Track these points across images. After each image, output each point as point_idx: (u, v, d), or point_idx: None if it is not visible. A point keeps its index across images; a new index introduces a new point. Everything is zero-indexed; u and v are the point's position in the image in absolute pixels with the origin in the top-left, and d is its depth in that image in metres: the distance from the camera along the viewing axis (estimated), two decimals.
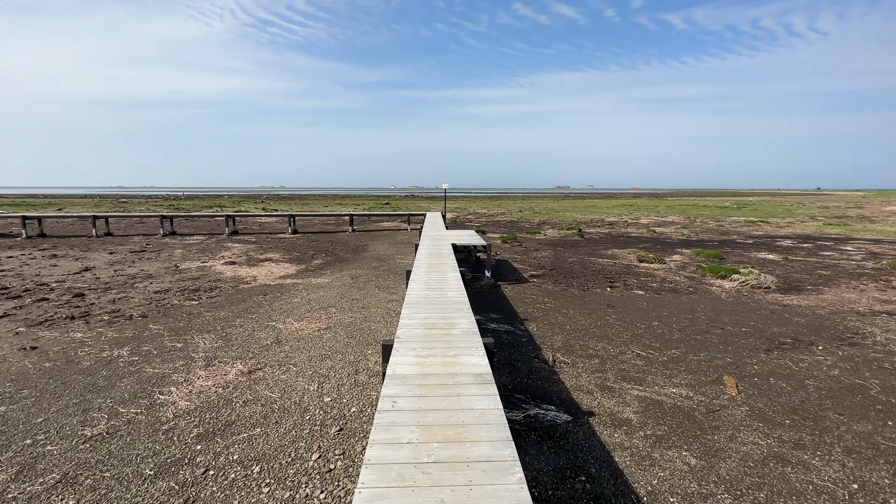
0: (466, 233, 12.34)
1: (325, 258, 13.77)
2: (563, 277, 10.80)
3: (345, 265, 12.50)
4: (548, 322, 7.24)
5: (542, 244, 16.84)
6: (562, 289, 9.64)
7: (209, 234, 20.20)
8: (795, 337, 6.59)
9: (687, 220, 28.58)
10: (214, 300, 8.75)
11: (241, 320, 7.33)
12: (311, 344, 6.14)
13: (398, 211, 35.27)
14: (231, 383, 4.93)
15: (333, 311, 7.76)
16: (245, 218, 25.83)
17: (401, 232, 21.25)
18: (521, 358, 5.61)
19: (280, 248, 15.73)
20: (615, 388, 4.82)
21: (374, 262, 12.84)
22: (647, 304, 8.44)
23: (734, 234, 20.73)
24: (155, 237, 18.97)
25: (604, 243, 17.14)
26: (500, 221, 27.23)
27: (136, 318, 7.60)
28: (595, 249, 15.50)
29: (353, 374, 5.09)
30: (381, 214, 23.03)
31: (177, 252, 14.92)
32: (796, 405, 4.52)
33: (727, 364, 5.57)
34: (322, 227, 23.05)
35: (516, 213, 34.33)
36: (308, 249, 15.59)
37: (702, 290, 9.61)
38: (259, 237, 19.11)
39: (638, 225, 24.68)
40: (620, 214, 33.03)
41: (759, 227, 23.43)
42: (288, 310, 7.89)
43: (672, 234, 20.12)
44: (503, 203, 53.84)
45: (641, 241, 17.91)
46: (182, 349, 6.06)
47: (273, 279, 10.69)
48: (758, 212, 36.27)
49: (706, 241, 17.72)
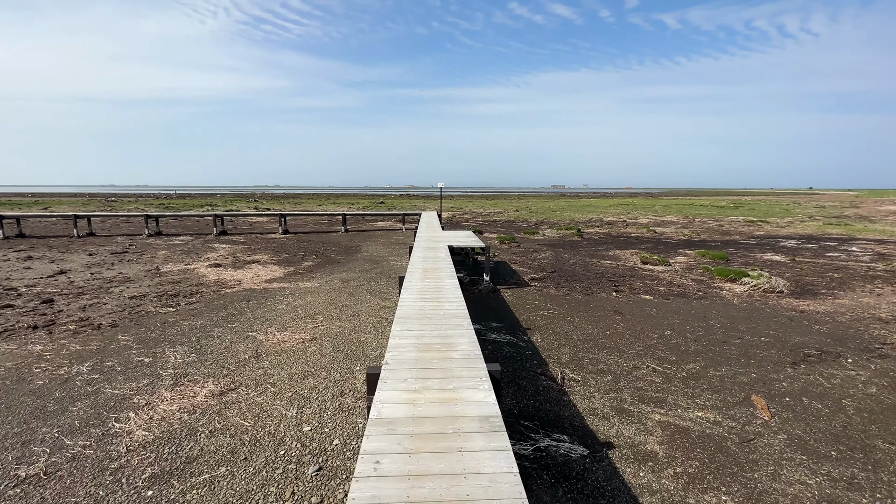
0: (463, 234, 11.78)
1: (315, 260, 13.16)
2: (566, 281, 10.26)
3: (336, 268, 11.90)
4: (553, 331, 6.69)
5: (541, 245, 16.32)
6: (565, 293, 9.10)
7: (197, 234, 19.49)
8: (821, 348, 6.09)
9: (686, 219, 28.19)
10: (193, 307, 8.13)
11: (220, 330, 6.72)
12: (294, 359, 5.55)
13: (393, 210, 34.66)
14: (198, 407, 4.34)
15: (320, 319, 7.16)
16: (235, 218, 25.12)
17: (395, 232, 20.66)
18: (526, 375, 5.06)
19: (269, 250, 15.08)
20: (634, 412, 4.28)
21: (367, 265, 12.24)
22: (657, 310, 7.92)
23: (735, 234, 20.32)
24: (139, 238, 18.24)
25: (604, 244, 16.64)
26: (496, 221, 26.70)
27: (104, 328, 6.97)
28: (596, 250, 14.99)
29: (338, 396, 4.51)
30: (375, 214, 22.43)
31: (160, 253, 14.24)
32: (839, 431, 4.01)
33: (753, 381, 5.05)
34: (314, 227, 22.40)
35: (513, 213, 33.81)
36: (298, 251, 14.96)
37: (712, 294, 9.11)
38: (248, 237, 18.44)
39: (637, 225, 24.23)
40: (618, 214, 32.61)
41: (759, 227, 23.06)
42: (271, 318, 7.29)
43: (673, 235, 19.67)
44: (499, 202, 53.33)
45: (642, 241, 17.43)
46: (149, 365, 5.45)
47: (259, 283, 10.08)
48: (755, 211, 35.99)
49: (709, 242, 17.27)
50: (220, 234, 19.06)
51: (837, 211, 36.37)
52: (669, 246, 16.06)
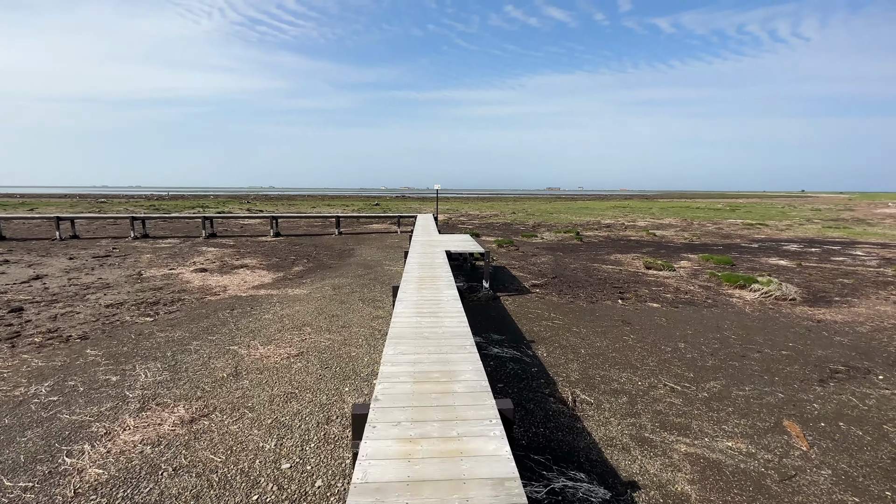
0: (461, 238, 11.30)
1: (306, 264, 12.62)
2: (568, 287, 9.81)
3: (327, 273, 11.38)
4: (559, 344, 6.22)
5: (540, 248, 15.88)
6: (568, 301, 8.65)
7: (185, 236, 18.88)
8: (847, 363, 5.67)
9: (684, 222, 27.91)
10: (173, 316, 7.59)
11: (199, 343, 6.19)
12: (277, 377, 5.04)
13: (388, 213, 34.11)
14: (165, 438, 3.82)
15: (308, 331, 6.65)
16: (226, 220, 24.47)
17: (390, 235, 20.15)
18: (533, 397, 4.58)
19: (259, 253, 14.52)
20: (656, 442, 3.81)
21: (360, 270, 11.72)
22: (667, 319, 7.48)
23: (736, 237, 20.01)
24: (125, 241, 17.60)
25: (604, 248, 16.24)
26: (493, 224, 26.26)
27: (73, 341, 6.42)
28: (596, 254, 14.57)
29: (324, 424, 4.01)
30: (369, 216, 21.91)
31: (144, 257, 13.65)
32: (887, 465, 3.57)
33: (781, 402, 4.61)
34: (307, 230, 21.84)
35: (510, 215, 33.40)
36: (289, 254, 14.41)
37: (722, 301, 8.70)
38: (238, 240, 17.85)
39: (636, 227, 23.89)
40: (616, 216, 32.29)
41: (759, 231, 22.78)
42: (256, 329, 6.77)
43: (673, 238, 19.32)
44: (495, 204, 52.95)
45: (643, 245, 17.05)
46: (116, 384, 4.92)
47: (245, 290, 9.54)
48: (752, 214, 35.83)
49: (710, 246, 16.91)
50: (209, 237, 18.46)
51: (833, 214, 36.31)
52: (671, 250, 15.68)
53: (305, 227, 23.36)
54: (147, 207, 39.53)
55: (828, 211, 40.55)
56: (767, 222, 27.41)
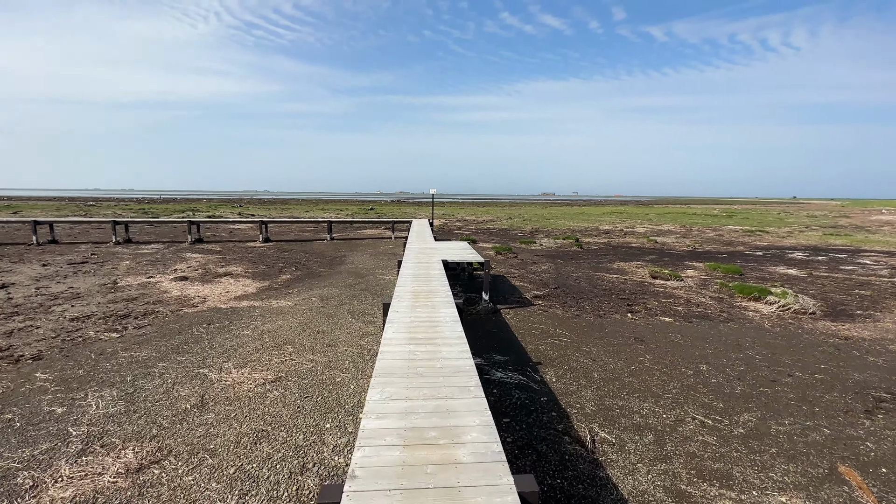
0: (458, 245, 10.68)
1: (294, 273, 11.94)
2: (572, 298, 9.21)
3: (316, 282, 10.70)
4: (569, 366, 5.60)
5: (540, 256, 15.29)
6: (574, 314, 8.04)
7: (170, 242, 18.12)
8: (889, 389, 5.09)
9: (683, 228, 27.51)
10: (143, 332, 6.90)
11: (165, 365, 5.51)
12: (248, 410, 4.37)
13: (382, 218, 33.48)
14: (102, 494, 3.15)
15: (290, 350, 5.98)
16: (215, 224, 23.68)
17: (384, 241, 19.49)
18: (545, 436, 3.95)
19: (245, 260, 13.81)
20: (696, 497, 3.19)
21: (351, 279, 11.06)
22: (682, 336, 6.89)
23: (738, 244, 19.56)
24: (106, 246, 16.82)
25: (606, 255, 15.68)
26: (490, 229, 25.69)
27: (24, 361, 5.71)
28: (598, 262, 14.01)
29: (297, 475, 3.34)
30: (363, 221, 21.22)
31: (123, 264, 12.90)
32: None
33: (829, 440, 4.01)
34: (298, 235, 21.13)
35: (506, 221, 32.87)
36: (277, 261, 13.71)
37: (737, 315, 8.13)
38: (225, 246, 17.12)
39: (635, 234, 23.41)
40: (613, 222, 31.86)
41: (760, 238, 22.38)
42: (231, 348, 6.09)
43: (675, 245, 18.83)
44: (491, 209, 52.50)
45: (645, 252, 16.52)
46: (60, 418, 4.23)
47: (226, 300, 8.85)
48: (750, 221, 35.55)
49: (714, 253, 16.43)
50: (195, 243, 17.70)
51: (830, 220, 36.11)
52: (675, 258, 15.15)
53: (297, 232, 22.66)
54: (136, 211, 38.61)
55: (824, 218, 40.39)
56: (767, 229, 27.07)
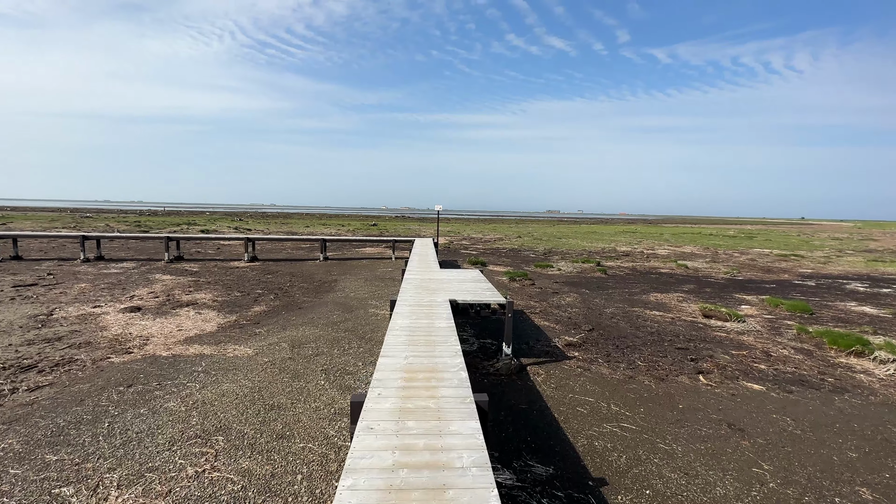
0: (469, 276, 8.71)
1: (271, 302, 10.00)
2: (615, 347, 7.20)
3: (294, 316, 8.75)
4: (652, 490, 3.56)
5: (561, 283, 13.29)
6: (625, 375, 6.02)
7: (147, 259, 16.32)
8: None
9: (707, 251, 25.41)
10: (32, 397, 4.96)
11: (16, 473, 3.54)
12: None
13: (383, 235, 31.68)
14: None
15: (218, 447, 3.99)
16: (200, 241, 21.89)
17: (383, 261, 17.58)
18: None
19: (219, 285, 11.91)
20: None
21: (337, 313, 9.08)
22: (793, 420, 4.84)
23: (779, 271, 17.46)
24: (73, 263, 15.04)
25: (636, 283, 13.65)
26: (499, 249, 23.74)
27: None
28: (630, 293, 11.98)
29: None
30: (360, 240, 19.31)
31: (77, 288, 11.04)
32: None
33: None
34: (290, 254, 19.29)
35: (515, 240, 30.95)
36: (256, 286, 11.79)
37: (846, 380, 6.07)
38: (205, 266, 15.27)
39: (658, 257, 21.36)
40: (630, 243, 29.84)
41: (798, 263, 20.24)
42: (134, 439, 4.11)
43: (709, 271, 16.76)
44: (498, 227, 50.67)
45: (680, 280, 14.47)
46: None
47: (172, 343, 6.93)
48: (774, 243, 33.38)
49: (758, 283, 14.34)
50: (172, 261, 15.88)
51: (858, 244, 33.82)
52: (717, 288, 13.09)
53: (290, 250, 20.84)
54: (130, 224, 37.13)
55: (849, 241, 38.11)
56: (798, 252, 24.90)
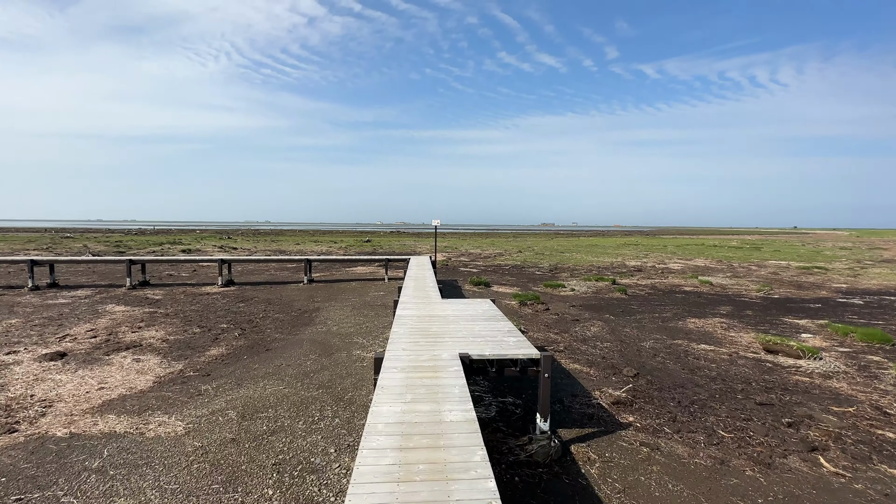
0: (481, 309, 6.90)
1: (234, 342, 8.15)
2: (678, 405, 5.42)
3: (256, 364, 6.90)
4: None
5: (579, 307, 11.53)
6: (713, 459, 4.24)
7: (107, 286, 14.43)
8: None
9: (720, 263, 23.82)
10: None
11: None
12: None
13: (376, 252, 29.90)
14: None
15: None
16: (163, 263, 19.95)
17: (375, 283, 15.76)
18: None
19: (179, 317, 10.04)
20: None
21: (312, 358, 7.24)
22: None
23: (809, 286, 15.82)
24: (22, 290, 13.12)
25: (662, 304, 11.92)
26: (501, 266, 21.99)
27: None
28: (662, 318, 10.25)
29: None
30: (350, 259, 17.41)
31: (3, 325, 9.15)
32: None
33: None
34: (273, 276, 17.43)
35: (516, 255, 29.26)
36: (222, 318, 9.93)
37: None
38: (172, 292, 13.40)
39: (674, 272, 19.71)
40: (637, 256, 28.24)
41: (825, 277, 18.64)
42: None
43: (737, 288, 15.07)
44: (496, 241, 49.06)
45: (711, 300, 12.76)
46: None
47: (82, 411, 5.09)
48: (782, 253, 31.92)
49: (799, 301, 12.67)
50: (135, 287, 13.98)
51: (868, 253, 32.40)
52: (758, 310, 11.38)
53: (274, 270, 19.00)
54: (112, 244, 35.11)
55: (857, 250, 36.79)
56: (818, 265, 23.34)
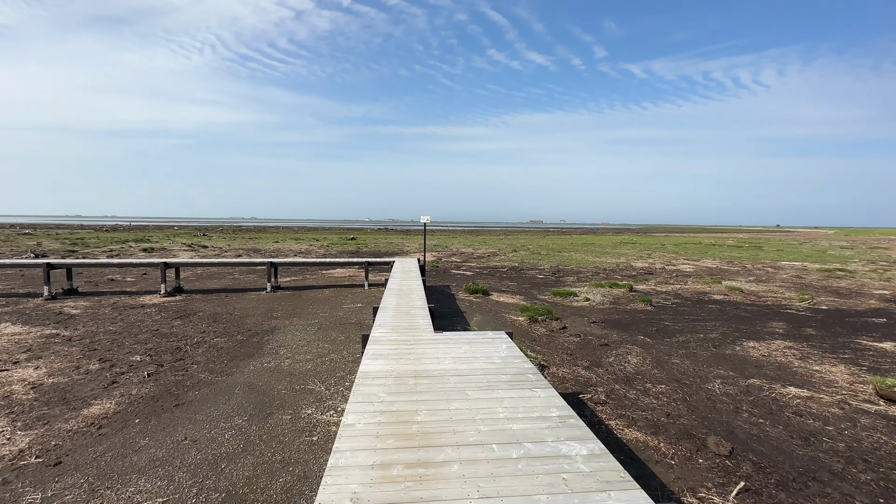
0: (495, 351, 4.62)
1: (134, 390, 5.71)
2: None
3: (147, 437, 4.50)
4: None
5: (601, 323, 9.33)
6: None
7: (24, 294, 11.84)
8: None
9: (731, 264, 21.93)
10: None
11: None
12: None
13: (359, 252, 27.40)
14: None
15: None
16: (92, 267, 17.24)
17: (353, 291, 13.37)
18: None
19: (83, 343, 7.56)
20: None
21: (237, 423, 4.83)
22: None
23: (848, 293, 13.90)
24: None
25: (698, 318, 9.79)
26: (498, 268, 19.75)
27: None
28: (708, 339, 8.09)
29: None
30: (322, 262, 14.80)
31: None
32: None
33: None
34: (234, 281, 14.91)
35: (511, 254, 27.09)
36: (138, 348, 7.45)
37: None
38: (98, 304, 10.87)
39: (688, 275, 17.70)
40: (640, 257, 26.29)
41: (857, 281, 16.78)
42: None
43: (772, 296, 13.05)
44: (487, 239, 46.90)
45: (754, 313, 10.67)
46: None
47: None
48: (786, 253, 30.32)
49: (856, 315, 10.65)
50: (54, 297, 11.40)
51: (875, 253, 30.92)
52: (820, 328, 9.30)
53: (238, 274, 16.46)
54: (68, 241, 31.95)
55: (859, 249, 35.43)
56: (836, 266, 21.57)
